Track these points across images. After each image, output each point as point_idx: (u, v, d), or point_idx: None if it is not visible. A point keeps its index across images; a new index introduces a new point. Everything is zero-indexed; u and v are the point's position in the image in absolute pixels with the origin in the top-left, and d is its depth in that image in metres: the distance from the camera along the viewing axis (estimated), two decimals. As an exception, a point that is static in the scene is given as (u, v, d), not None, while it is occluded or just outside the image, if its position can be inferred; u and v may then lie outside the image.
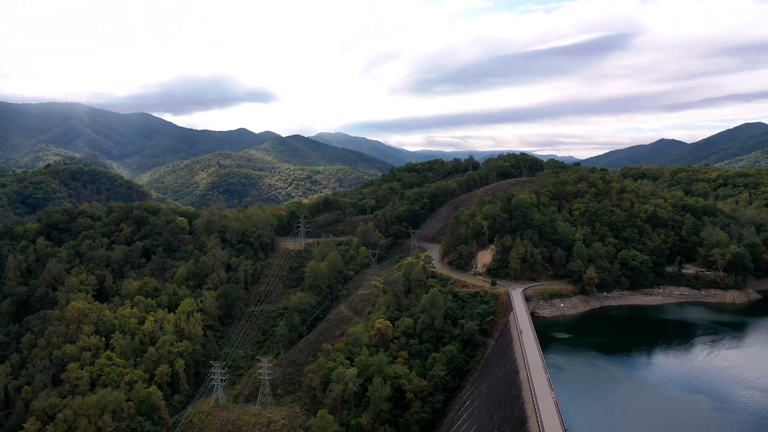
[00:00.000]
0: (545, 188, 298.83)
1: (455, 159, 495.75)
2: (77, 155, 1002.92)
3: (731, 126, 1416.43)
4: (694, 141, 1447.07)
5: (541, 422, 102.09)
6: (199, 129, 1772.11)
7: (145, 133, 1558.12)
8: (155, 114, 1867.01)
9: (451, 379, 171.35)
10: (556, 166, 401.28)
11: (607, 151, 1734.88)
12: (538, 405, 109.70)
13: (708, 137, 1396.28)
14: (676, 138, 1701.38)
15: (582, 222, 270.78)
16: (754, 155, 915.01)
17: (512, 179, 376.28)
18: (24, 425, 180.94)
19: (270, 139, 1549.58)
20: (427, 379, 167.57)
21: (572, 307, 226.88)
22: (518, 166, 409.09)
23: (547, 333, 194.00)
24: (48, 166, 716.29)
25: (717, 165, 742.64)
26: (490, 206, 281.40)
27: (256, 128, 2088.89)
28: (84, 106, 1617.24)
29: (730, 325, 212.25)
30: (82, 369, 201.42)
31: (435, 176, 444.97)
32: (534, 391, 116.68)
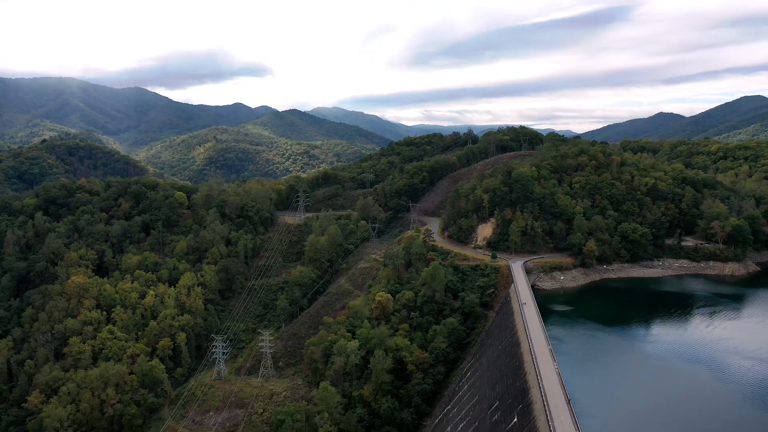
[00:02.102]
0: (545, 161, 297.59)
1: (454, 133, 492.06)
2: (72, 131, 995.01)
3: (730, 99, 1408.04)
4: (693, 114, 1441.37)
5: (544, 392, 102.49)
6: (194, 104, 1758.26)
7: (141, 108, 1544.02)
8: (150, 88, 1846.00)
9: (452, 351, 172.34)
10: (556, 139, 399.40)
11: (606, 125, 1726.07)
12: (540, 375, 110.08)
13: (707, 110, 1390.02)
14: (675, 111, 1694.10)
15: (582, 195, 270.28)
16: (753, 128, 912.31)
17: (512, 152, 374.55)
18: (28, 398, 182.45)
19: (267, 113, 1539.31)
20: (428, 351, 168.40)
21: (572, 279, 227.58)
22: (518, 139, 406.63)
23: (547, 305, 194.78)
24: (44, 141, 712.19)
25: (716, 138, 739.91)
26: (490, 180, 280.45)
27: (253, 103, 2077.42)
28: (77, 80, 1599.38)
29: (729, 296, 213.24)
30: (84, 343, 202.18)
31: (434, 150, 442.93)
32: (536, 362, 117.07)
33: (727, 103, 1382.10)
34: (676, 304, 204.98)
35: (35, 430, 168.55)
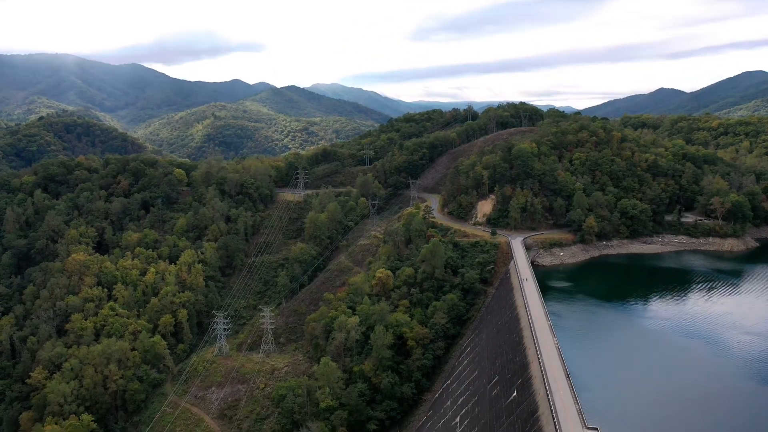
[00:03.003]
0: (546, 138, 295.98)
1: (454, 109, 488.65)
2: (70, 108, 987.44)
3: (731, 74, 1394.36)
4: (694, 90, 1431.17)
5: (544, 367, 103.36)
6: (192, 80, 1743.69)
7: (138, 85, 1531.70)
8: (146, 65, 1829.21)
9: (451, 327, 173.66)
10: (557, 115, 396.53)
11: (606, 100, 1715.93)
12: (539, 350, 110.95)
13: (708, 86, 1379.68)
14: (676, 87, 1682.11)
15: (582, 171, 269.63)
16: (754, 103, 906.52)
17: (512, 129, 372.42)
18: (31, 374, 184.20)
19: (265, 90, 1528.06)
20: (428, 327, 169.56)
21: (572, 255, 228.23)
22: (518, 115, 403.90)
23: (546, 281, 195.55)
24: (41, 118, 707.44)
25: (717, 114, 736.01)
26: (490, 156, 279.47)
27: (251, 79, 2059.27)
28: (73, 57, 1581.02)
29: (728, 272, 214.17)
30: (86, 320, 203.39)
31: (434, 126, 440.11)
32: (536, 337, 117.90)
33: (729, 79, 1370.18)
34: (674, 280, 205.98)
35: (39, 406, 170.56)
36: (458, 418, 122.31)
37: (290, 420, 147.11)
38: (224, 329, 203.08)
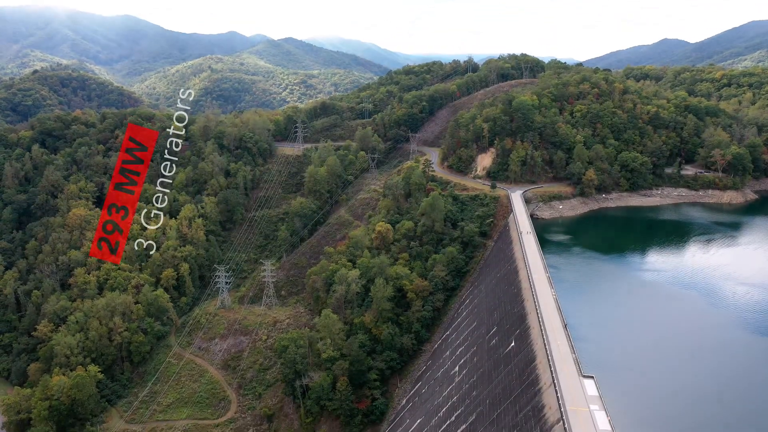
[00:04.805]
0: (547, 90, 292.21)
1: (454, 61, 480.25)
2: (64, 61, 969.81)
3: (738, 24, 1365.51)
4: (698, 41, 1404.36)
5: (541, 318, 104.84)
6: (187, 32, 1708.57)
7: (132, 37, 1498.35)
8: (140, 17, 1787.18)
9: (451, 280, 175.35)
10: (558, 66, 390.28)
11: (609, 51, 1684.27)
12: (538, 302, 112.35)
13: (712, 36, 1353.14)
14: (680, 38, 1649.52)
15: (583, 124, 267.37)
16: (759, 54, 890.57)
17: (513, 81, 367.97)
18: (37, 327, 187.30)
19: (262, 42, 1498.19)
20: (428, 280, 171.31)
21: (571, 208, 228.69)
22: (519, 67, 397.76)
23: (545, 234, 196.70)
24: (35, 72, 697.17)
25: (721, 65, 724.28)
26: (490, 109, 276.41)
27: (248, 31, 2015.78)
28: (64, 8, 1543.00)
29: (726, 224, 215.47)
30: (89, 274, 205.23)
31: (433, 79, 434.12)
32: (534, 289, 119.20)
33: (734, 28, 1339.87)
34: (673, 232, 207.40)
35: (46, 357, 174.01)
36: (457, 367, 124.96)
37: (293, 370, 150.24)
38: (226, 283, 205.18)
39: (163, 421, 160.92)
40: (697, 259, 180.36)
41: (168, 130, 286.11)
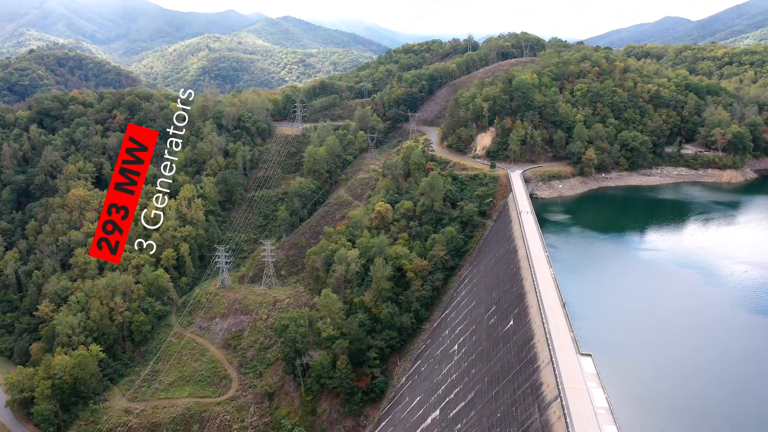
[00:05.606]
0: (547, 68, 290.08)
1: (454, 39, 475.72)
2: (60, 40, 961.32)
3: (740, 2, 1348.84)
4: (700, 19, 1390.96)
5: (540, 297, 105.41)
6: (184, 11, 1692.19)
7: (128, 15, 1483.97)
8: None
9: (450, 259, 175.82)
10: (559, 45, 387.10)
11: (610, 30, 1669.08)
12: (536, 281, 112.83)
13: (714, 14, 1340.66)
14: (682, 15, 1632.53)
15: (583, 103, 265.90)
16: (761, 32, 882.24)
17: (513, 59, 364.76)
18: (38, 307, 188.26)
19: (260, 20, 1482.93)
20: (427, 259, 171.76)
21: (570, 188, 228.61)
22: (519, 45, 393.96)
23: (545, 214, 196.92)
24: (31, 51, 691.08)
25: (723, 43, 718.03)
26: (490, 88, 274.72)
27: (245, 10, 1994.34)
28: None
29: (726, 203, 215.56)
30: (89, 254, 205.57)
31: (433, 57, 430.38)
32: (533, 268, 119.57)
33: (737, 6, 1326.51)
34: (672, 212, 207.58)
35: (48, 337, 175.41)
36: (456, 345, 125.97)
37: (293, 349, 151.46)
38: (226, 262, 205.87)
39: (165, 399, 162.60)
40: (696, 238, 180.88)
41: (165, 110, 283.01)
